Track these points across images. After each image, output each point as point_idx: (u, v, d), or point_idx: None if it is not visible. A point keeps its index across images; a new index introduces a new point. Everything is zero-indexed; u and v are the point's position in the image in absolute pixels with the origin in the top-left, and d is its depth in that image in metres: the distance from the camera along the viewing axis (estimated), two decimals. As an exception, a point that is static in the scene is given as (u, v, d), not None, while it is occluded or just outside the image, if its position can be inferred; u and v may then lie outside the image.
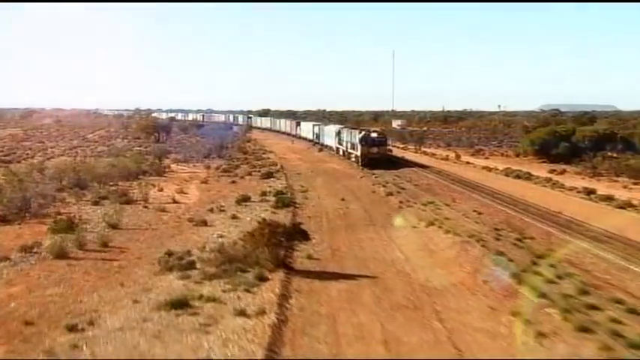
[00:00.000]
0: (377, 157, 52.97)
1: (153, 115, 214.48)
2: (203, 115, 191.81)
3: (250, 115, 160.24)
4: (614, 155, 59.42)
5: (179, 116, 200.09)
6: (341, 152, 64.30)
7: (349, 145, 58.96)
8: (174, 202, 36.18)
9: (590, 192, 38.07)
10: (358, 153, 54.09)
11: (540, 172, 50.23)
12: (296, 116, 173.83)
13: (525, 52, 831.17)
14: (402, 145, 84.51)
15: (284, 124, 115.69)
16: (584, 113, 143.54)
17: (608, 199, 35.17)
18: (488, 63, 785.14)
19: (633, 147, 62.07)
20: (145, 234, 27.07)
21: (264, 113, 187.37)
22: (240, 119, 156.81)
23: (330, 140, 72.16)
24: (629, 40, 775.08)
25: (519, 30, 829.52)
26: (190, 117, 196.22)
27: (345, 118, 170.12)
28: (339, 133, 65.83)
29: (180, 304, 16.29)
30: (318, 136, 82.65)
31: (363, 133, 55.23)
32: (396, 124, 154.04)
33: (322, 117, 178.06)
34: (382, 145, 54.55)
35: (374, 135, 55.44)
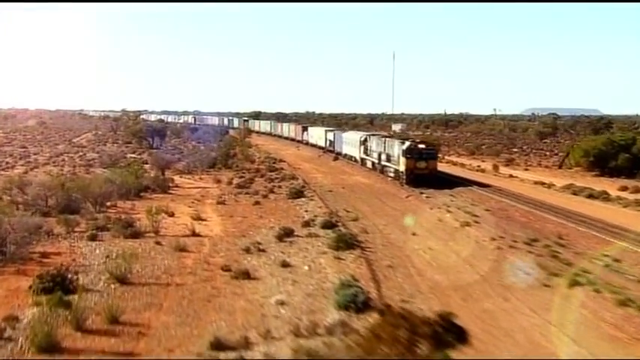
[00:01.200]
0: (425, 173, 44.39)
1: (141, 117, 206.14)
2: (195, 118, 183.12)
3: (246, 118, 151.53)
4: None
5: (169, 118, 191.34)
6: (368, 164, 56.00)
7: (384, 157, 50.74)
8: (194, 234, 28.15)
9: None
10: (401, 168, 45.68)
11: (610, 189, 42.70)
12: (287, 119, 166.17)
13: (510, 56, 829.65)
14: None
15: (287, 129, 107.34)
16: (600, 118, 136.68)
17: None
18: (473, 66, 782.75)
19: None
20: (167, 294, 19.10)
21: (256, 116, 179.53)
22: (236, 122, 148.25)
23: (350, 149, 64.05)
24: (611, 44, 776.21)
25: (504, 33, 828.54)
26: (182, 119, 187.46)
27: (340, 121, 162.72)
28: (364, 142, 57.56)
29: None
30: (332, 144, 74.67)
31: (409, 143, 46.50)
32: (396, 128, 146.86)
33: (315, 120, 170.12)
34: (431, 159, 45.38)
35: (422, 146, 46.39)
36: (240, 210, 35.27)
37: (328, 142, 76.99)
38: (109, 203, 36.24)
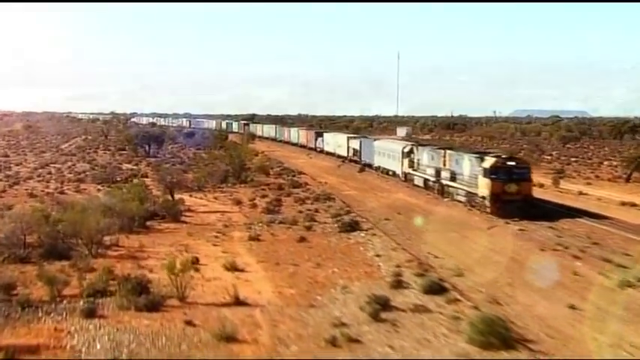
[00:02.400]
0: (517, 199, 33.66)
1: (132, 120, 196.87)
2: (190, 121, 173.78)
3: (246, 122, 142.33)
4: None
5: (162, 121, 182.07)
6: (417, 181, 46.52)
7: (445, 175, 40.95)
8: (237, 301, 19.26)
9: None
10: (481, 191, 35.23)
11: None
12: (283, 121, 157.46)
13: (498, 56, 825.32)
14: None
15: (295, 134, 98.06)
16: (625, 122, 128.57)
17: None
18: (466, 67, 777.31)
19: None
20: None
21: (250, 118, 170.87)
22: (235, 126, 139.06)
23: (385, 161, 54.88)
24: (603, 45, 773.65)
25: (500, 34, 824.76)
26: (175, 122, 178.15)
27: (338, 124, 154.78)
28: (409, 154, 48.20)
29: None
30: (357, 153, 65.78)
31: (494, 160, 35.41)
32: (401, 132, 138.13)
33: (311, 123, 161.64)
34: (524, 180, 34.51)
35: (511, 163, 35.25)
36: (284, 251, 26.40)
37: (352, 151, 68.10)
38: (107, 239, 27.24)
